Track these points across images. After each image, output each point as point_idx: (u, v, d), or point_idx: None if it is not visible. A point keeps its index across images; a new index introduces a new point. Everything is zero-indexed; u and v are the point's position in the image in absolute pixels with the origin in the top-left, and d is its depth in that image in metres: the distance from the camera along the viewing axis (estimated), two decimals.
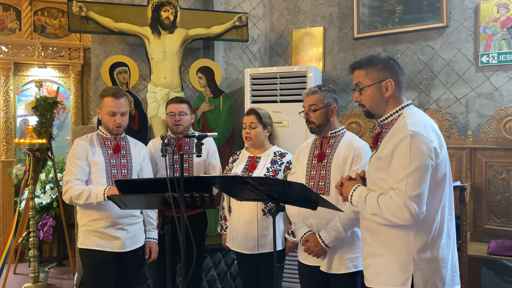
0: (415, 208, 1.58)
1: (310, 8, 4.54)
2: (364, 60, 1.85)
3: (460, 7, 3.74)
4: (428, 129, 1.69)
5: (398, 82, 1.81)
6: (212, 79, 4.18)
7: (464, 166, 3.49)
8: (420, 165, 1.61)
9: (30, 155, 4.14)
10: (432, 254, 1.68)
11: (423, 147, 1.62)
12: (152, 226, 2.81)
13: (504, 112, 3.38)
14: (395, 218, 1.63)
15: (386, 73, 1.80)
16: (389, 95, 1.79)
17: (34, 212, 4.10)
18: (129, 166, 2.68)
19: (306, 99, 2.47)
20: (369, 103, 1.83)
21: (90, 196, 2.50)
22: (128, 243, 2.62)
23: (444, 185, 1.71)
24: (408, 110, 1.79)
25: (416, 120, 1.71)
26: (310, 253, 2.34)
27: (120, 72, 3.92)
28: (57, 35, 5.98)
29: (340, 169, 2.33)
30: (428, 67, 3.89)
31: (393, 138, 1.69)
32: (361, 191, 1.77)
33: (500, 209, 3.40)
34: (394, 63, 1.84)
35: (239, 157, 2.90)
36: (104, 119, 2.67)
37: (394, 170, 1.65)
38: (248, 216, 2.67)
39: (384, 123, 1.84)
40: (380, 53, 1.89)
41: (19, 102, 5.79)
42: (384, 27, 4.05)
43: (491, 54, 3.59)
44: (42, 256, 4.94)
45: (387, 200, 1.64)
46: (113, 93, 2.63)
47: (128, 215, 2.61)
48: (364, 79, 1.83)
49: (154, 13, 4.02)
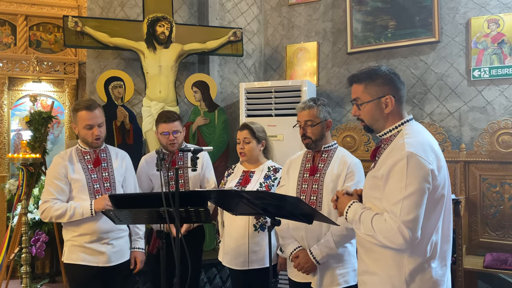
0: (409, 233, 1.53)
1: (304, 24, 4.60)
2: (363, 74, 1.75)
3: (451, 22, 3.80)
4: (427, 150, 1.60)
5: (399, 98, 1.72)
6: (207, 93, 4.20)
7: (458, 179, 3.50)
8: (417, 189, 1.54)
9: (24, 170, 4.10)
10: (425, 276, 1.63)
11: (420, 170, 1.55)
12: (137, 236, 2.76)
13: (497, 125, 3.41)
14: (388, 242, 1.58)
15: (386, 89, 1.71)
16: (389, 111, 1.71)
17: (26, 227, 4.04)
18: (111, 179, 2.64)
19: (301, 114, 2.41)
20: (368, 119, 1.76)
21: (75, 214, 2.47)
22: (113, 258, 2.59)
23: (441, 206, 1.64)
24: (408, 126, 1.71)
25: (415, 139, 1.62)
26: (300, 269, 2.30)
27: (115, 86, 3.93)
28: (52, 50, 5.99)
29: (332, 184, 2.32)
30: (421, 81, 3.94)
31: (390, 157, 1.63)
32: (356, 209, 1.72)
33: (495, 222, 3.41)
34: (395, 77, 1.74)
35: (234, 172, 2.88)
36: (81, 134, 2.60)
37: (390, 192, 1.59)
38: (239, 231, 2.64)
39: (383, 138, 1.77)
40: (381, 66, 1.79)
41: (13, 116, 5.77)
42: (377, 42, 4.10)
43: (482, 69, 3.64)
44: (34, 272, 4.85)
45: (381, 223, 1.59)
46: (87, 106, 2.55)
47: (113, 229, 2.58)
48: (362, 95, 1.74)
49: (149, 28, 4.05)
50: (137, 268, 2.74)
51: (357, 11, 4.20)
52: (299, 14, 4.62)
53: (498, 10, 3.62)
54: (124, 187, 2.73)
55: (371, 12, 4.13)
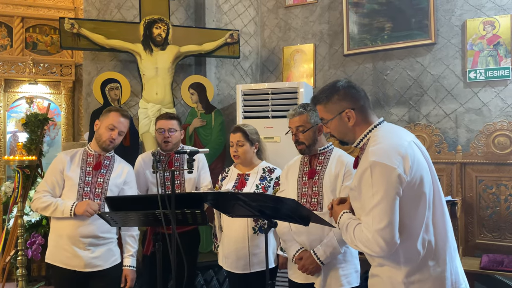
0: (383, 241, 1.54)
1: (300, 26, 4.60)
2: (321, 94, 1.80)
3: (447, 24, 3.81)
4: (391, 154, 1.58)
5: (360, 108, 1.75)
6: (204, 95, 4.20)
7: (454, 180, 3.51)
8: (383, 196, 1.55)
9: (20, 172, 4.09)
10: (423, 275, 1.63)
11: (384, 177, 1.55)
12: (129, 254, 2.74)
13: (493, 127, 3.42)
14: (368, 250, 1.61)
15: (344, 104, 1.74)
16: (353, 123, 1.74)
17: (22, 230, 4.03)
18: (104, 186, 2.63)
19: (292, 121, 2.43)
20: (337, 134, 1.81)
21: (56, 210, 2.51)
22: (91, 263, 2.56)
23: (424, 204, 1.63)
24: (376, 132, 1.72)
25: (379, 146, 1.62)
26: (305, 271, 2.30)
27: (112, 88, 3.92)
28: (49, 52, 5.99)
29: (332, 185, 2.32)
30: (418, 83, 3.95)
31: (360, 168, 1.66)
32: (344, 219, 1.74)
33: (491, 224, 3.42)
34: (352, 89, 1.77)
35: (228, 175, 2.87)
36: (100, 131, 2.63)
37: (364, 202, 1.62)
38: (238, 234, 2.64)
39: (359, 147, 1.79)
40: (337, 81, 1.81)
41: (9, 118, 5.76)
42: (374, 44, 4.11)
43: (478, 70, 3.66)
44: (30, 275, 4.83)
45: (360, 232, 1.62)
46: (122, 111, 2.69)
47: (95, 235, 2.56)
48: (325, 114, 1.80)
49: (146, 30, 4.04)
50: (127, 286, 2.70)
51: (354, 13, 4.21)
52: (296, 16, 4.63)
53: (494, 12, 3.64)
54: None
55: (368, 14, 4.14)
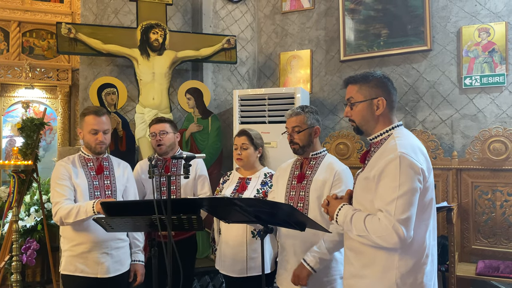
0: (404, 231, 1.55)
1: (297, 32, 4.63)
2: (359, 76, 1.82)
3: (443, 31, 3.84)
4: (417, 152, 1.66)
5: (390, 102, 1.78)
6: (200, 100, 4.20)
7: (450, 186, 3.52)
8: (410, 188, 1.58)
9: (15, 177, 4.06)
10: (416, 280, 1.64)
11: (412, 170, 1.59)
12: (138, 248, 2.74)
13: (488, 133, 3.44)
14: (382, 241, 1.60)
15: (379, 91, 1.77)
16: (380, 113, 1.76)
17: (17, 235, 4.00)
18: (112, 187, 2.63)
19: (289, 120, 2.47)
20: (359, 120, 1.81)
21: (79, 212, 2.39)
22: (112, 268, 2.54)
23: (430, 209, 1.69)
24: (399, 131, 1.76)
25: (406, 142, 1.68)
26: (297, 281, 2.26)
27: (109, 93, 3.92)
28: (45, 56, 5.98)
29: (318, 191, 2.33)
30: (413, 89, 3.97)
31: (382, 158, 1.66)
32: (346, 211, 1.74)
33: (487, 229, 3.42)
34: (388, 82, 1.81)
35: (230, 178, 2.87)
36: (86, 138, 2.61)
37: (383, 191, 1.62)
38: (237, 238, 2.64)
39: (373, 142, 1.81)
40: (376, 71, 1.86)
41: (5, 123, 5.73)
42: (370, 50, 4.13)
43: (473, 77, 3.68)
44: (24, 280, 4.80)
45: (374, 222, 1.61)
46: (95, 111, 2.59)
47: (113, 238, 2.54)
48: (356, 95, 1.80)
49: (143, 35, 4.05)
50: (137, 281, 2.70)
51: (350, 20, 4.23)
52: (293, 22, 4.65)
53: (489, 20, 3.67)
54: (125, 196, 2.71)
55: (364, 20, 4.17)
